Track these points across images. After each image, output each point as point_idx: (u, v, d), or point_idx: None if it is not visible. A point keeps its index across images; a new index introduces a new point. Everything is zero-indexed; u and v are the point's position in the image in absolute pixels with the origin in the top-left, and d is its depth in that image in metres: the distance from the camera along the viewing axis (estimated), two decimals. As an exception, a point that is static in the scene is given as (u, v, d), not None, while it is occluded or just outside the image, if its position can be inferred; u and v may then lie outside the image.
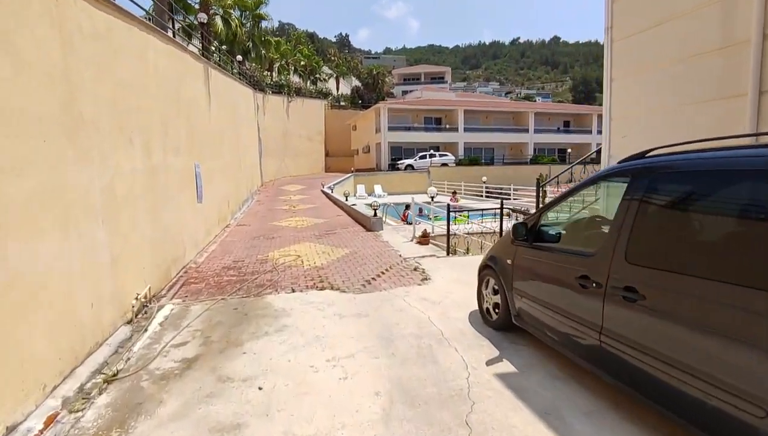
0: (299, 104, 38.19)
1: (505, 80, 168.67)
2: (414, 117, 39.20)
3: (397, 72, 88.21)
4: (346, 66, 70.90)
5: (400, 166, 33.81)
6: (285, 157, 35.11)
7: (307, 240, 9.76)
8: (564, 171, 7.21)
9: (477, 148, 39.52)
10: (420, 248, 8.70)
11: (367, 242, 9.35)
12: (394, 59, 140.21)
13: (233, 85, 17.27)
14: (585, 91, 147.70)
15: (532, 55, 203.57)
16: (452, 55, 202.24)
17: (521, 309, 3.89)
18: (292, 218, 13.91)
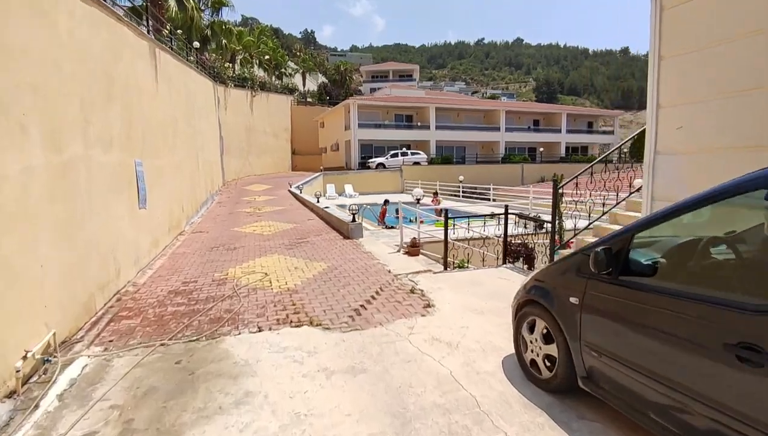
0: (264, 99, 36.18)
1: (471, 80, 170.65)
2: (384, 114, 38.01)
3: (364, 69, 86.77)
4: (313, 62, 68.92)
5: (371, 165, 32.54)
6: (249, 155, 33.07)
7: (276, 251, 8.31)
8: (584, 170, 6.16)
9: (449, 147, 38.78)
10: (410, 260, 7.45)
11: (347, 253, 8.00)
12: (360, 57, 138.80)
13: (189, 74, 15.43)
14: (548, 91, 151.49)
15: (496, 56, 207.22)
16: (418, 55, 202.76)
17: (596, 370, 2.70)
18: (257, 222, 12.34)
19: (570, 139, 42.88)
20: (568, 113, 43.75)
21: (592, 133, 45.84)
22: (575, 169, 29.38)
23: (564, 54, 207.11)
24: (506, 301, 5.09)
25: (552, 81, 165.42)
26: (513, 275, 6.29)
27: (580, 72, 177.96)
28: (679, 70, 4.31)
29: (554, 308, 3.00)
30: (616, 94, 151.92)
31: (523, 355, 3.36)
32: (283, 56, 47.10)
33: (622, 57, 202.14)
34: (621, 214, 6.00)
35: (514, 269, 6.74)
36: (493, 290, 5.61)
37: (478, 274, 6.46)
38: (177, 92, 12.27)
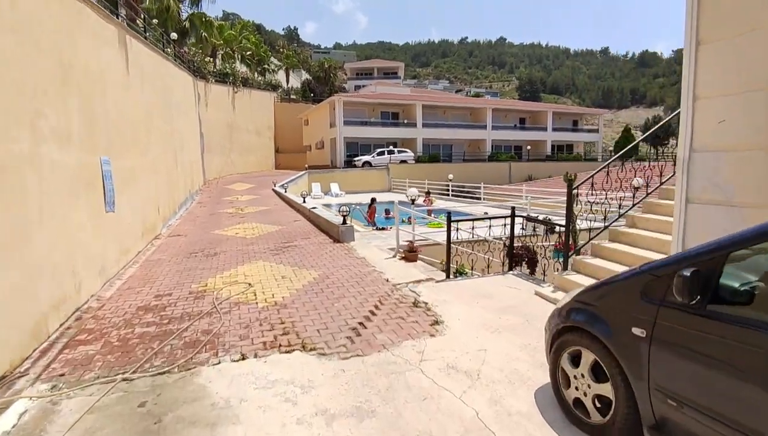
0: (246, 96, 35.14)
1: (455, 79, 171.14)
2: (370, 111, 37.33)
3: (349, 66, 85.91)
4: (296, 58, 67.77)
5: (357, 164, 31.84)
6: (231, 152, 32.04)
7: (261, 257, 7.62)
8: (601, 168, 5.65)
9: (435, 145, 38.34)
10: (408, 267, 6.86)
11: (338, 258, 7.37)
12: (344, 55, 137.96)
13: (166, 66, 14.54)
14: (530, 90, 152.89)
15: (479, 55, 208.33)
16: (402, 53, 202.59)
17: (672, 423, 2.14)
18: (240, 224, 11.60)
19: (556, 138, 42.90)
20: (553, 111, 43.76)
21: (577, 132, 46.00)
22: (561, 167, 29.16)
23: (546, 53, 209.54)
24: (521, 316, 4.55)
25: (535, 80, 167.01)
26: (521, 284, 5.76)
27: (562, 71, 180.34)
28: (721, 57, 3.80)
29: (610, 338, 2.43)
30: (596, 94, 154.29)
31: (564, 392, 2.79)
32: (266, 52, 45.98)
33: (602, 57, 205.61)
34: (639, 216, 5.53)
35: (521, 276, 6.21)
36: (504, 302, 5.07)
37: (483, 283, 5.90)
38: (152, 86, 11.43)
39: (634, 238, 5.35)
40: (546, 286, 5.57)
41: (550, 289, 5.36)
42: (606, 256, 5.35)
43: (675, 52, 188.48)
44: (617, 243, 5.47)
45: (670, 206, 4.90)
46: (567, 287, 5.25)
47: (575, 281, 5.14)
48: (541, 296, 5.23)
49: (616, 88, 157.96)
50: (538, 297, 5.22)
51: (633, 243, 5.32)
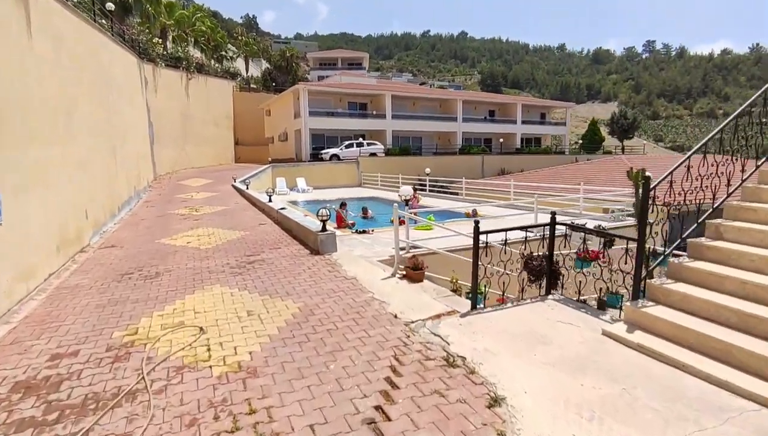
0: (202, 83, 32.29)
1: (418, 72, 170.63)
2: (337, 101, 35.35)
3: (312, 56, 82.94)
4: (256, 47, 64.37)
5: (324, 157, 29.89)
6: (186, 144, 29.26)
7: (218, 279, 5.81)
8: (679, 164, 4.23)
9: (405, 137, 36.92)
10: (415, 289, 5.28)
11: (322, 279, 5.68)
12: (306, 45, 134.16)
13: (101, 40, 12.16)
14: (492, 84, 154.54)
15: (442, 48, 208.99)
16: (365, 45, 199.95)
17: None
18: (194, 230, 9.62)
19: (525, 130, 42.49)
20: (522, 104, 43.32)
21: (545, 125, 45.88)
22: (533, 160, 28.49)
23: (506, 48, 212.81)
24: (609, 379, 3.07)
25: (496, 74, 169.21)
26: (575, 316, 4.33)
27: (521, 66, 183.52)
28: None
29: None
30: (555, 89, 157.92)
31: None
32: (223, 37, 42.81)
33: (559, 53, 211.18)
34: (728, 225, 4.20)
35: (566, 302, 4.79)
36: (570, 350, 3.60)
37: (525, 316, 4.42)
38: (77, 61, 9.19)
39: (727, 254, 4.01)
40: (615, 322, 4.15)
41: (623, 327, 3.94)
42: (693, 279, 3.99)
43: (626, 49, 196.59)
44: (702, 261, 4.11)
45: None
46: (647, 325, 3.84)
47: (658, 316, 3.74)
48: (616, 338, 3.80)
49: (573, 84, 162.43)
50: (611, 340, 3.79)
51: (726, 261, 3.98)
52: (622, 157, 24.00)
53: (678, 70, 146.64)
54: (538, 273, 6.19)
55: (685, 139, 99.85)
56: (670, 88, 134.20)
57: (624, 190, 11.37)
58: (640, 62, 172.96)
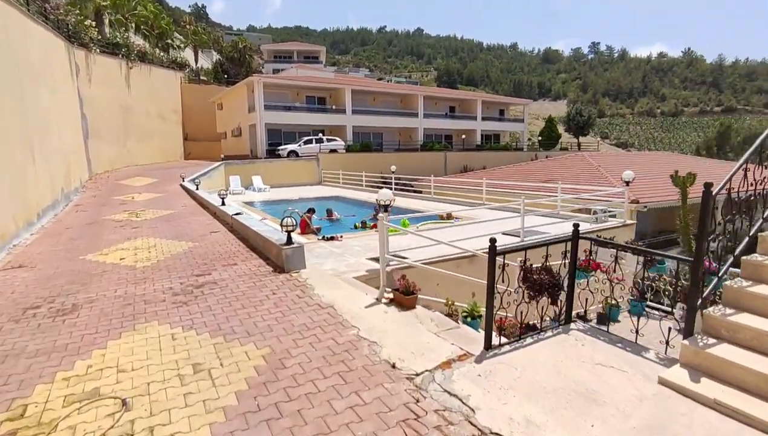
0: (145, 73, 29.61)
1: (374, 67, 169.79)
2: (294, 95, 33.69)
3: (266, 48, 79.84)
4: (206, 36, 60.85)
5: (282, 153, 28.28)
6: (127, 140, 26.67)
7: (154, 313, 4.54)
8: (738, 167, 3.44)
9: (365, 133, 35.86)
10: (407, 320, 4.27)
11: (290, 310, 4.55)
12: (259, 38, 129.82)
13: (9, 16, 10.21)
14: (448, 81, 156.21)
15: (398, 45, 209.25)
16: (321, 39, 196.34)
17: None
18: (131, 240, 8.12)
19: (485, 127, 42.57)
20: (482, 100, 43.37)
21: (503, 121, 46.25)
22: (494, 157, 28.29)
23: (461, 46, 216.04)
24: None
25: (452, 71, 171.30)
26: (608, 352, 3.51)
27: (476, 64, 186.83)
28: None
29: None
30: (509, 86, 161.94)
31: None
32: (169, 24, 39.67)
33: (511, 52, 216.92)
34: None
35: (590, 331, 3.97)
36: (634, 413, 2.74)
37: (550, 356, 3.53)
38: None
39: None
40: (666, 362, 3.35)
41: (683, 373, 3.13)
42: (762, 309, 3.24)
43: (573, 50, 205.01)
44: (764, 284, 3.38)
45: None
46: (714, 371, 3.05)
47: (731, 361, 2.96)
48: (680, 390, 2.97)
49: (526, 82, 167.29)
50: (677, 394, 2.97)
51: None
52: (585, 154, 24.14)
53: (620, 71, 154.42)
54: (539, 289, 5.38)
55: (628, 137, 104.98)
56: (613, 88, 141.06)
57: (608, 189, 10.97)
58: (586, 63, 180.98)
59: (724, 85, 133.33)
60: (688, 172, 4.35)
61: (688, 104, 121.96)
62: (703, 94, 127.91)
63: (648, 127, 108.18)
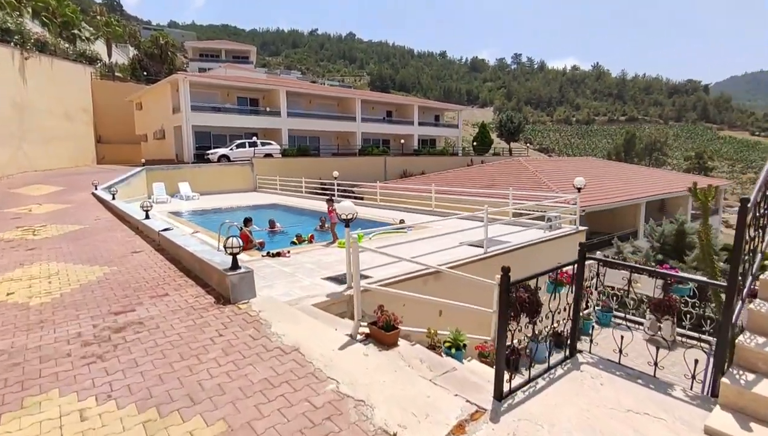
0: (46, 66, 26.05)
1: (307, 70, 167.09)
2: (224, 96, 31.56)
3: (191, 46, 75.02)
4: (121, 29, 55.70)
5: (212, 158, 26.22)
6: (23, 142, 23.21)
7: (55, 377, 3.37)
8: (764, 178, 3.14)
9: (302, 137, 34.55)
10: (391, 362, 3.54)
11: (245, 359, 3.60)
12: (182, 35, 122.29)
13: None
14: (381, 86, 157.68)
15: (330, 48, 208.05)
16: (250, 39, 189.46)
17: None
18: (23, 267, 6.53)
19: (422, 132, 42.97)
20: (418, 105, 43.77)
21: (439, 127, 47.08)
22: (431, 162, 28.56)
23: (393, 52, 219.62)
24: None
25: (385, 77, 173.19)
26: (633, 392, 3.04)
27: (408, 70, 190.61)
28: None
29: None
30: (439, 93, 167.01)
31: None
32: (75, 12, 35.48)
33: (441, 60, 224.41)
34: None
35: (603, 365, 3.51)
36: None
37: (574, 402, 2.99)
38: None
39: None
40: (704, 404, 2.93)
41: (728, 419, 2.72)
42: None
43: (498, 60, 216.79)
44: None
45: None
46: (763, 413, 2.66)
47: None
48: (736, 442, 2.55)
49: (455, 89, 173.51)
50: (733, 448, 2.53)
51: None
52: (521, 160, 24.96)
53: (540, 82, 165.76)
54: (520, 308, 4.92)
55: (549, 142, 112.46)
56: (534, 96, 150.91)
57: (562, 195, 11.04)
58: (510, 72, 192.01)
59: (627, 97, 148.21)
60: (709, 185, 4.12)
61: (599, 113, 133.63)
62: (610, 105, 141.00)
63: (566, 134, 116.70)
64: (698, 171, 59.13)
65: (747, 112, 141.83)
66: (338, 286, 6.05)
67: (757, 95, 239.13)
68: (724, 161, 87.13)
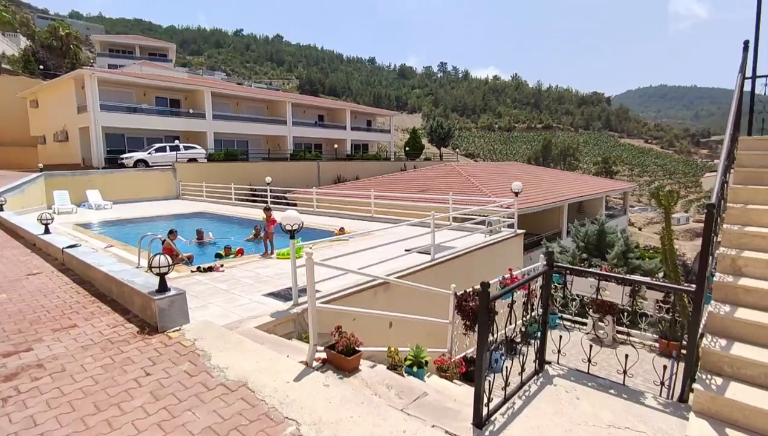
0: None
1: (232, 72, 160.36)
2: (141, 95, 28.96)
3: (98, 39, 68.33)
4: (10, 15, 49.44)
5: (127, 162, 23.85)
6: None
7: None
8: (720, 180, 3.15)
9: (229, 140, 32.80)
10: (357, 392, 3.14)
11: (180, 403, 3.02)
12: (87, 27, 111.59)
13: None
14: (310, 90, 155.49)
15: (257, 50, 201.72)
16: (167, 36, 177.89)
17: None
18: None
19: (354, 137, 42.77)
20: (351, 110, 43.54)
21: (371, 132, 47.19)
22: (365, 166, 28.57)
23: (322, 56, 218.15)
24: None
25: (314, 81, 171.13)
26: (608, 405, 2.96)
27: (337, 75, 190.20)
28: None
29: None
30: (369, 98, 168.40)
31: None
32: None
33: (370, 66, 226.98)
34: (750, 257, 3.40)
35: (575, 376, 3.41)
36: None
37: (554, 421, 2.82)
38: None
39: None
40: (680, 411, 2.89)
41: (704, 427, 2.70)
42: (752, 337, 3.02)
43: (425, 68, 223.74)
44: (746, 309, 3.20)
45: None
46: (737, 418, 2.67)
47: (753, 406, 2.61)
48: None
49: (384, 95, 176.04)
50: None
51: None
52: (454, 165, 25.64)
53: (465, 90, 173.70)
54: (476, 317, 4.83)
55: (474, 148, 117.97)
56: (460, 104, 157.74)
57: (502, 200, 11.28)
58: (436, 80, 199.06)
59: (543, 106, 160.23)
60: (669, 190, 4.25)
61: (519, 121, 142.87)
62: (528, 113, 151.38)
63: (489, 140, 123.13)
64: (605, 174, 65.14)
65: (641, 122, 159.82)
66: (283, 303, 5.52)
67: (648, 107, 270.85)
68: (625, 166, 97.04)
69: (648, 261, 13.29)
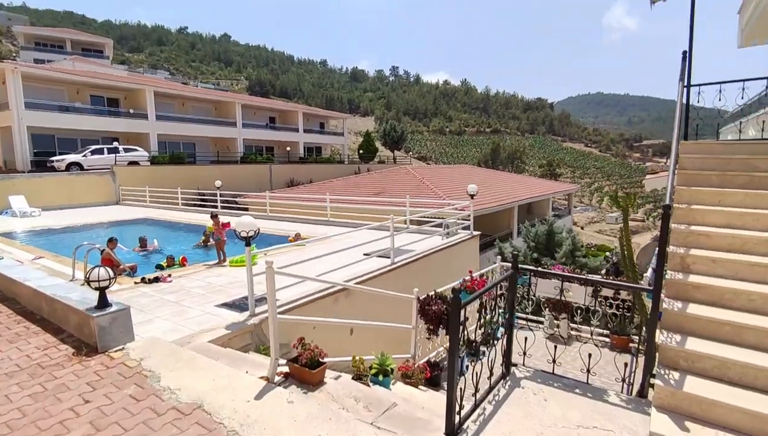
0: None
1: (176, 71, 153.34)
2: (73, 93, 26.92)
3: (22, 31, 62.93)
4: None
5: (59, 165, 22.02)
6: None
7: None
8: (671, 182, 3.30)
9: (174, 142, 31.26)
10: (323, 408, 2.97)
11: (126, 431, 2.72)
12: (8, 17, 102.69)
13: None
14: (261, 92, 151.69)
15: (203, 49, 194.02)
16: (103, 31, 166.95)
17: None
18: None
19: (307, 139, 42.12)
20: (303, 112, 42.85)
21: (324, 134, 46.69)
22: (319, 170, 28.31)
23: (272, 57, 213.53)
24: None
25: (264, 82, 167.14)
26: (574, 404, 3.00)
27: (288, 76, 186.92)
28: None
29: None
30: (321, 101, 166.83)
31: None
32: None
33: (322, 68, 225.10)
34: (697, 255, 3.58)
35: (541, 378, 3.44)
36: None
37: (526, 425, 2.81)
38: None
39: (719, 293, 3.36)
40: (641, 407, 2.97)
41: (666, 422, 2.78)
42: (705, 332, 3.17)
43: (377, 71, 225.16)
44: (696, 304, 3.37)
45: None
46: (695, 412, 2.79)
47: (711, 399, 2.74)
48: (681, 446, 2.58)
49: (337, 97, 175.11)
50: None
51: (719, 302, 3.33)
52: (408, 168, 25.86)
53: (416, 94, 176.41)
54: (438, 321, 4.84)
55: (426, 151, 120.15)
56: (412, 108, 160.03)
57: (457, 202, 11.40)
58: (388, 84, 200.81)
59: (491, 111, 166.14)
60: (627, 193, 4.40)
61: (468, 125, 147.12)
62: (477, 118, 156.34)
63: (441, 143, 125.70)
64: (550, 177, 68.36)
65: (581, 127, 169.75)
66: (238, 314, 5.22)
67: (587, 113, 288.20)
68: (568, 168, 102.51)
69: (593, 259, 14.01)
